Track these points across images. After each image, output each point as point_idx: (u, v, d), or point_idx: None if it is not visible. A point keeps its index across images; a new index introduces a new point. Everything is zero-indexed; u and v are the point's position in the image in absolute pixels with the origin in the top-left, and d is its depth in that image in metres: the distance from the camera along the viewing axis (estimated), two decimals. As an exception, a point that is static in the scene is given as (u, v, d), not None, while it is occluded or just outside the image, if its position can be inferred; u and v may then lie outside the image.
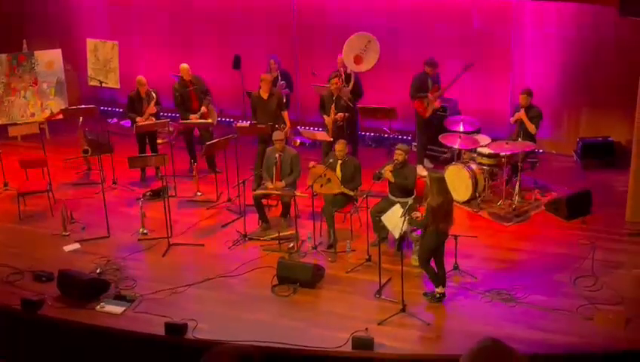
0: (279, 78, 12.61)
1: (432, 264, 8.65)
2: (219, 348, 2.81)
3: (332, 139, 11.12)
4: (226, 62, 13.41)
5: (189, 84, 12.05)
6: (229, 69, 13.34)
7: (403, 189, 9.56)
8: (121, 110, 14.26)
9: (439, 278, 8.63)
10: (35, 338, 8.55)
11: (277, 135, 10.42)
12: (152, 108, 11.88)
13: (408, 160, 9.73)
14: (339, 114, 11.43)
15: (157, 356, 8.16)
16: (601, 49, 11.85)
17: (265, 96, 11.40)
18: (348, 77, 12.09)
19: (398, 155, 9.50)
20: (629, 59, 11.03)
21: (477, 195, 10.79)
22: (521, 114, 10.84)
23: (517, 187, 10.70)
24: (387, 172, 9.49)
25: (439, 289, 8.64)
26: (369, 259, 9.49)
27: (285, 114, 11.60)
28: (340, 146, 10.03)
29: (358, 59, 12.13)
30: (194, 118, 12.04)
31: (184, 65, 12.06)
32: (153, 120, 11.91)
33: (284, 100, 12.30)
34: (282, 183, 10.30)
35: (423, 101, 11.70)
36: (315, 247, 9.90)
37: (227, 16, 13.87)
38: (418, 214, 8.69)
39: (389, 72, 12.21)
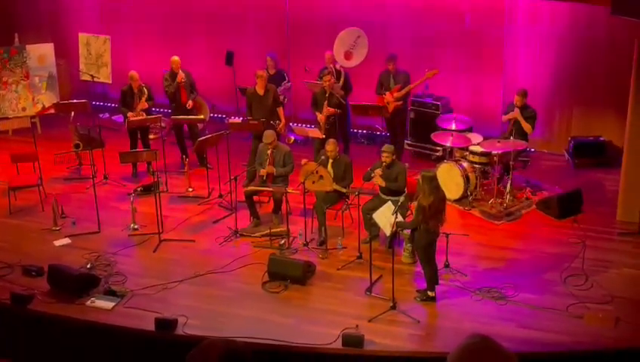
0: (284, 75, 12.60)
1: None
2: (207, 342, 2.80)
3: (324, 136, 11.13)
4: (218, 58, 13.39)
5: (179, 77, 12.01)
6: (221, 65, 13.32)
7: (394, 189, 9.56)
8: (113, 105, 14.22)
9: (433, 282, 8.63)
10: (25, 333, 8.52)
11: (267, 137, 10.34)
12: (143, 104, 11.85)
13: (399, 159, 9.73)
14: (330, 108, 11.44)
15: (147, 351, 8.14)
16: (594, 48, 11.87)
17: (261, 92, 11.39)
18: (338, 73, 12.11)
19: (386, 157, 9.50)
20: (621, 59, 11.05)
21: (468, 194, 10.80)
22: (516, 113, 10.84)
23: (508, 186, 10.72)
24: (377, 177, 9.48)
25: (430, 294, 8.65)
26: (360, 257, 9.49)
27: (281, 110, 11.60)
28: (331, 146, 10.01)
29: (348, 55, 12.16)
30: (181, 76, 11.97)
31: (175, 58, 12.03)
32: (144, 115, 11.88)
33: (284, 97, 12.31)
34: (273, 168, 10.28)
35: (383, 99, 11.81)
36: (306, 244, 9.90)
37: (220, 12, 13.83)
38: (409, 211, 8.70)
39: (380, 69, 12.19)
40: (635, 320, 8.17)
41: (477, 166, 10.80)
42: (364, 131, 13.29)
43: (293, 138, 12.54)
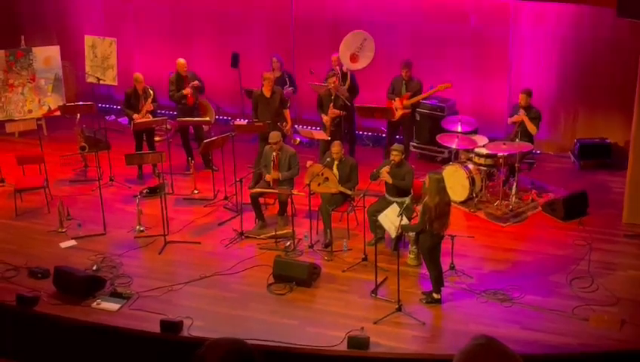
0: (286, 78, 12.59)
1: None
2: (213, 341, 2.79)
3: (329, 138, 11.14)
4: (224, 60, 13.41)
5: (185, 79, 12.03)
6: (227, 67, 13.34)
7: (400, 189, 9.56)
8: (118, 107, 14.24)
9: (438, 284, 8.63)
10: (30, 335, 8.53)
11: (273, 137, 10.37)
12: (149, 106, 11.87)
13: (406, 159, 9.74)
14: (336, 110, 11.44)
15: (152, 353, 8.14)
16: (599, 50, 11.85)
17: (268, 94, 11.40)
18: (344, 75, 12.10)
19: (395, 156, 9.51)
20: (627, 61, 11.02)
21: (474, 195, 10.79)
22: (522, 115, 10.81)
23: (514, 187, 10.71)
24: (384, 174, 9.49)
25: (436, 296, 8.65)
26: (365, 258, 9.49)
27: (287, 112, 11.61)
28: (336, 148, 10.02)
29: (354, 58, 12.15)
30: (188, 90, 11.97)
31: (181, 60, 12.04)
32: (150, 117, 11.90)
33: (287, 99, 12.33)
34: (278, 174, 10.30)
35: (392, 104, 11.78)
36: (311, 246, 9.90)
37: (225, 13, 13.85)
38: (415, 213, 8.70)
39: (386, 70, 12.20)
40: (641, 322, 8.16)
41: (482, 168, 10.79)
42: (370, 133, 13.29)
43: (299, 139, 12.53)
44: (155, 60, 14.01)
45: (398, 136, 12.08)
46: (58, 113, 13.16)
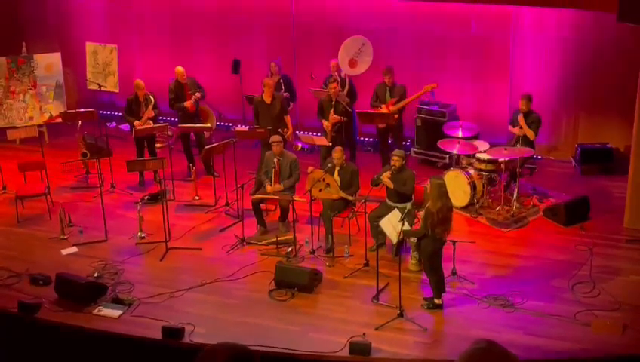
0: (281, 83, 12.59)
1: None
2: (213, 346, 2.79)
3: (330, 144, 11.15)
4: (225, 66, 13.42)
5: (185, 87, 12.04)
6: (228, 73, 13.36)
7: (401, 195, 9.56)
8: (120, 113, 14.26)
9: (439, 289, 8.62)
10: (32, 342, 8.52)
11: (274, 137, 10.42)
12: (149, 112, 11.88)
13: (406, 165, 9.75)
14: (336, 116, 11.45)
15: (154, 360, 8.13)
16: (600, 55, 11.85)
17: (268, 100, 11.42)
18: (342, 81, 12.11)
19: (396, 161, 9.51)
20: (628, 65, 11.03)
21: (475, 201, 10.79)
22: (520, 120, 10.81)
23: (515, 193, 10.70)
24: (385, 178, 9.49)
25: (437, 301, 8.64)
26: (367, 264, 9.48)
27: (288, 118, 11.62)
28: (338, 154, 10.03)
29: (352, 63, 12.18)
30: (189, 103, 12.00)
31: (179, 68, 12.06)
32: (151, 124, 11.90)
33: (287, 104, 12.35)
34: (280, 186, 10.31)
35: (379, 111, 11.78)
36: (313, 252, 9.90)
37: (226, 19, 13.87)
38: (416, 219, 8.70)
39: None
40: (643, 328, 8.15)
41: (484, 173, 10.79)
42: (371, 139, 13.29)
43: (300, 145, 12.54)
44: (156, 67, 14.02)
45: (390, 141, 12.09)
46: (59, 120, 13.19)
